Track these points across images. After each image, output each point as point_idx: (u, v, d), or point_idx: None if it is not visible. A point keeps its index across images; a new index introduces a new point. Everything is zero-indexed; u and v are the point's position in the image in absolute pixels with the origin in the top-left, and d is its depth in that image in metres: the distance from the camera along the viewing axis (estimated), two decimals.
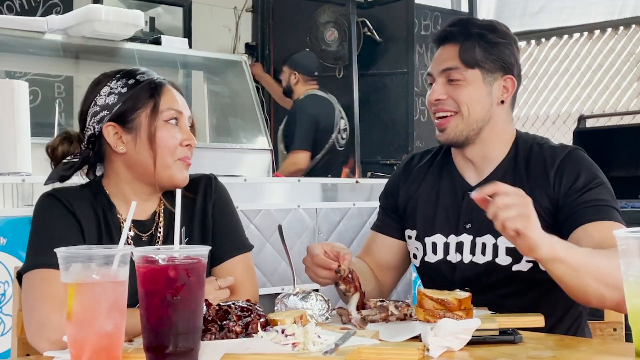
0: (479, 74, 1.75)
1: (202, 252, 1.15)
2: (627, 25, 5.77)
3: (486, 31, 1.77)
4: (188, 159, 1.67)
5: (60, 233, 1.57)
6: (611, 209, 1.65)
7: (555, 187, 1.70)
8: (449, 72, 1.76)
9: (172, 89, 1.69)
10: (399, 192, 1.91)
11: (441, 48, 1.80)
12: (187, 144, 1.67)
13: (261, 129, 4.64)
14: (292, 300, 1.49)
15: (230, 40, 5.64)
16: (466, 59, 1.75)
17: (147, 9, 5.13)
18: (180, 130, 1.66)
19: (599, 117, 5.36)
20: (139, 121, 1.63)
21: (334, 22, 5.46)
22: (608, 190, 1.69)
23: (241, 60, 4.81)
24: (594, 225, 1.62)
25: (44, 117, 3.69)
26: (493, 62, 1.76)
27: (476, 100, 1.75)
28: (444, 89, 1.76)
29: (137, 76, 1.67)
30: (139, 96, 1.64)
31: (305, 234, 3.42)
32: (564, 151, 1.74)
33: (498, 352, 1.26)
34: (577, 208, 1.66)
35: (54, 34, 3.92)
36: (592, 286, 1.49)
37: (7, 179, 2.84)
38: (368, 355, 1.22)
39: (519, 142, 1.80)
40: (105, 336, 1.12)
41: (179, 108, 1.67)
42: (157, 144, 1.63)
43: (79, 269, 1.11)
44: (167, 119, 1.65)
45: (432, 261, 1.81)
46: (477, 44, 1.75)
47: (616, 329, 1.81)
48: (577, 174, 1.69)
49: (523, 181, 1.72)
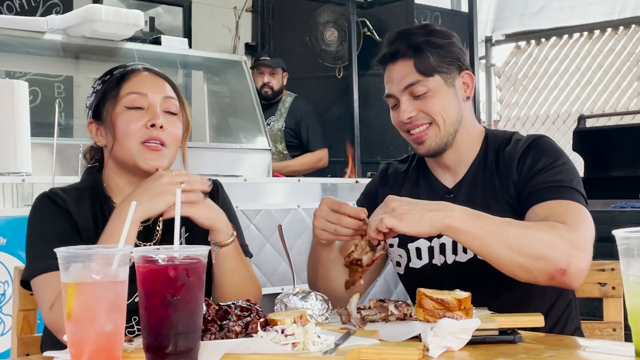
0: (439, 79, 1.75)
1: (202, 252, 1.15)
2: (627, 25, 5.77)
3: (430, 36, 1.76)
4: (155, 141, 1.60)
5: (57, 234, 1.58)
6: (566, 189, 1.65)
7: (518, 173, 1.71)
8: (411, 88, 1.74)
9: (144, 73, 1.66)
10: (378, 195, 1.88)
11: (392, 67, 1.78)
12: (152, 124, 1.60)
13: (261, 129, 4.64)
14: (292, 300, 1.49)
15: (230, 40, 5.64)
16: (423, 69, 1.73)
17: (147, 9, 5.14)
18: (146, 112, 1.62)
19: (599, 117, 5.36)
20: (106, 111, 1.64)
21: (334, 22, 5.47)
22: (569, 172, 1.69)
23: (241, 60, 4.81)
24: (543, 204, 1.63)
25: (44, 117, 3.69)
26: (448, 63, 1.76)
27: (447, 105, 1.75)
28: (411, 105, 1.75)
29: (114, 71, 1.68)
30: (107, 88, 1.65)
31: (305, 234, 3.42)
32: (528, 140, 1.75)
33: (498, 352, 1.26)
34: (533, 189, 1.67)
35: (54, 34, 3.93)
36: (506, 255, 1.51)
37: (7, 179, 2.84)
38: (368, 355, 1.22)
39: (489, 139, 1.82)
40: (105, 336, 1.12)
41: (143, 90, 1.63)
42: (116, 131, 1.61)
43: (79, 269, 1.11)
44: (129, 104, 1.62)
45: (417, 267, 1.80)
46: (428, 51, 1.74)
47: (616, 329, 1.81)
48: (538, 157, 1.70)
49: (494, 177, 1.74)
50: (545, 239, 1.52)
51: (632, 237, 1.17)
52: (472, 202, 1.70)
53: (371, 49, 5.26)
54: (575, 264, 1.52)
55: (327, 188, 3.81)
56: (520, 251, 1.51)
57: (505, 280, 1.64)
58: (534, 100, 6.18)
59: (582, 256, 1.53)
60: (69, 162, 3.32)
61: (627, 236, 1.17)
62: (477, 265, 1.69)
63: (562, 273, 1.52)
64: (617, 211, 3.84)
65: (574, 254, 1.52)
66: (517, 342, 1.32)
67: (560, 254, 1.51)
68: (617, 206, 3.98)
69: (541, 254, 1.51)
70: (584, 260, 1.53)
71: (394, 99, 1.79)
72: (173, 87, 1.71)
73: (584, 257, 1.53)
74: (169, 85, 1.69)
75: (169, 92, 1.67)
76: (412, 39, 1.76)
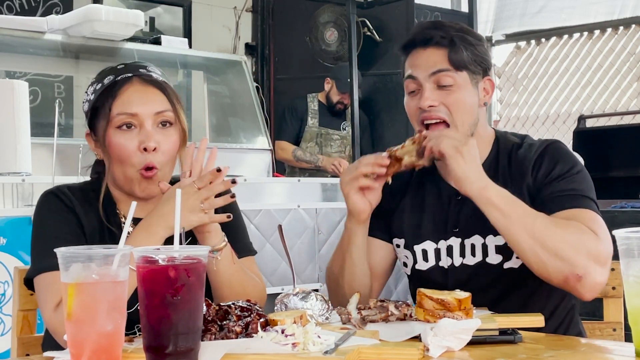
0: (467, 76, 1.71)
1: (202, 252, 1.15)
2: (627, 25, 5.77)
3: (464, 33, 1.73)
4: (149, 169, 1.56)
5: (62, 232, 1.57)
6: (583, 198, 1.64)
7: (532, 178, 1.70)
8: (438, 76, 1.69)
9: (135, 85, 1.59)
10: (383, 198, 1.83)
11: (422, 52, 1.72)
12: (144, 148, 1.54)
13: (261, 129, 4.64)
14: (292, 300, 1.49)
15: (230, 40, 5.64)
16: (456, 61, 1.69)
17: (147, 9, 5.14)
18: (139, 132, 1.57)
19: (599, 117, 5.36)
20: (99, 129, 1.60)
21: (334, 22, 5.47)
22: (584, 180, 1.68)
23: (241, 60, 4.81)
24: (560, 213, 1.61)
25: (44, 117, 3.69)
26: (478, 63, 1.72)
27: (468, 104, 1.71)
28: (435, 94, 1.70)
29: (104, 79, 1.62)
30: (99, 102, 1.59)
31: (305, 234, 3.42)
32: (542, 145, 1.73)
33: (498, 352, 1.26)
34: (550, 197, 1.65)
35: (54, 34, 3.93)
36: (528, 243, 1.53)
37: (7, 179, 2.84)
38: (368, 355, 1.22)
39: (499, 142, 1.79)
40: (105, 336, 1.12)
41: (133, 110, 1.56)
42: (111, 153, 1.57)
43: (79, 269, 1.11)
44: (119, 124, 1.57)
45: (423, 268, 1.78)
46: (462, 46, 1.70)
47: (616, 329, 1.81)
48: (553, 164, 1.69)
49: (507, 181, 1.71)
50: (570, 240, 1.52)
51: (632, 237, 1.17)
52: None
53: (371, 49, 5.27)
54: (593, 275, 1.51)
55: (327, 188, 3.81)
56: (542, 244, 1.51)
57: (512, 284, 1.64)
58: (534, 100, 6.18)
59: (602, 270, 1.52)
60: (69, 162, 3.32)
61: (627, 236, 1.17)
62: (484, 268, 1.69)
63: (577, 279, 1.51)
64: (617, 211, 3.84)
65: (595, 265, 1.51)
66: (517, 342, 1.32)
67: (581, 260, 1.51)
68: (617, 206, 3.98)
69: (562, 253, 1.51)
70: (602, 275, 1.52)
71: (416, 83, 1.72)
72: (167, 93, 1.62)
73: (602, 272, 1.52)
74: (162, 95, 1.61)
75: (160, 105, 1.60)
76: (448, 31, 1.71)
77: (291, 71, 5.62)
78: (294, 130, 4.84)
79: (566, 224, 1.55)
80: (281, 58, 5.65)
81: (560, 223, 1.56)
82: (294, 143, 4.82)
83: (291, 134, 4.83)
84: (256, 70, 5.69)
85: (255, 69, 5.70)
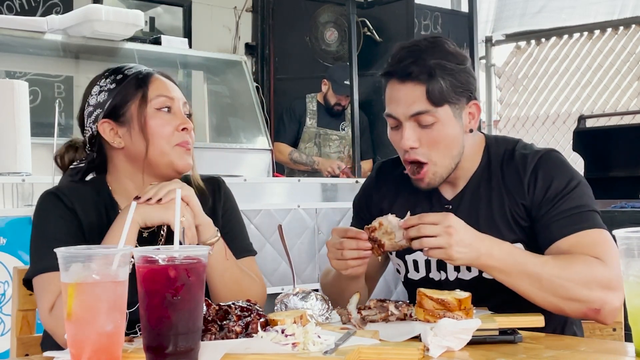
0: (448, 109, 1.64)
1: (202, 252, 1.15)
2: (627, 25, 5.76)
3: (443, 59, 1.64)
4: (187, 144, 1.66)
5: (61, 233, 1.57)
6: (586, 214, 1.61)
7: (529, 195, 1.66)
8: (419, 117, 1.63)
9: (161, 77, 1.69)
10: (372, 197, 1.86)
11: (399, 87, 1.65)
12: (183, 128, 1.65)
13: (261, 129, 4.64)
14: (292, 300, 1.49)
15: (230, 40, 5.63)
16: (435, 98, 1.62)
17: (147, 9, 5.13)
18: (175, 115, 1.66)
19: (599, 117, 5.36)
20: (131, 113, 1.64)
21: (334, 22, 5.47)
22: (583, 193, 1.64)
23: (241, 60, 4.81)
24: (566, 240, 1.59)
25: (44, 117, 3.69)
26: (459, 93, 1.65)
27: (451, 138, 1.65)
28: (415, 134, 1.64)
29: (124, 71, 1.68)
30: (128, 89, 1.65)
31: (305, 234, 3.42)
32: (535, 156, 1.68)
33: (498, 352, 1.26)
34: (551, 221, 1.62)
35: (54, 34, 3.93)
36: (539, 295, 1.53)
37: (7, 179, 2.84)
38: (368, 355, 1.22)
39: (490, 149, 1.75)
40: (105, 336, 1.12)
41: (170, 94, 1.66)
42: (149, 133, 1.62)
43: (79, 269, 1.11)
44: (159, 106, 1.64)
45: (415, 279, 1.78)
46: (441, 78, 1.62)
47: (616, 329, 1.81)
48: (550, 180, 1.65)
49: (501, 189, 1.69)
50: (579, 279, 1.51)
51: (633, 237, 1.17)
52: (474, 216, 1.68)
53: (371, 49, 5.27)
54: (610, 304, 1.52)
55: (327, 188, 3.81)
56: (553, 293, 1.52)
57: (509, 298, 1.62)
58: (534, 100, 6.17)
59: (617, 295, 1.52)
60: None
61: (628, 236, 1.18)
62: (481, 283, 1.67)
63: (596, 312, 1.53)
64: (617, 211, 3.84)
65: (609, 295, 1.52)
66: (517, 342, 1.33)
67: (595, 295, 1.51)
68: (617, 206, 3.98)
69: (575, 296, 1.52)
70: (618, 300, 1.53)
71: (396, 120, 1.67)
72: None
73: (618, 296, 1.52)
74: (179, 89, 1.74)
75: (184, 96, 1.71)
76: (425, 60, 1.63)
77: (291, 71, 5.62)
78: (291, 132, 4.84)
79: (571, 262, 1.54)
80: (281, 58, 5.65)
81: (565, 264, 1.53)
82: (293, 145, 4.81)
83: (289, 136, 4.83)
84: (256, 70, 5.69)
85: (255, 69, 5.69)
